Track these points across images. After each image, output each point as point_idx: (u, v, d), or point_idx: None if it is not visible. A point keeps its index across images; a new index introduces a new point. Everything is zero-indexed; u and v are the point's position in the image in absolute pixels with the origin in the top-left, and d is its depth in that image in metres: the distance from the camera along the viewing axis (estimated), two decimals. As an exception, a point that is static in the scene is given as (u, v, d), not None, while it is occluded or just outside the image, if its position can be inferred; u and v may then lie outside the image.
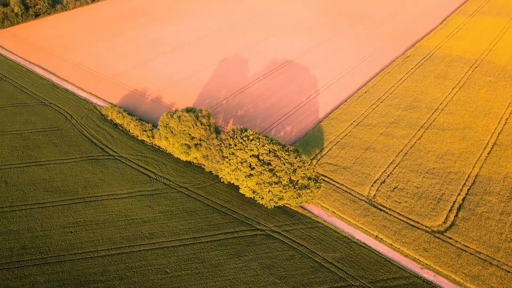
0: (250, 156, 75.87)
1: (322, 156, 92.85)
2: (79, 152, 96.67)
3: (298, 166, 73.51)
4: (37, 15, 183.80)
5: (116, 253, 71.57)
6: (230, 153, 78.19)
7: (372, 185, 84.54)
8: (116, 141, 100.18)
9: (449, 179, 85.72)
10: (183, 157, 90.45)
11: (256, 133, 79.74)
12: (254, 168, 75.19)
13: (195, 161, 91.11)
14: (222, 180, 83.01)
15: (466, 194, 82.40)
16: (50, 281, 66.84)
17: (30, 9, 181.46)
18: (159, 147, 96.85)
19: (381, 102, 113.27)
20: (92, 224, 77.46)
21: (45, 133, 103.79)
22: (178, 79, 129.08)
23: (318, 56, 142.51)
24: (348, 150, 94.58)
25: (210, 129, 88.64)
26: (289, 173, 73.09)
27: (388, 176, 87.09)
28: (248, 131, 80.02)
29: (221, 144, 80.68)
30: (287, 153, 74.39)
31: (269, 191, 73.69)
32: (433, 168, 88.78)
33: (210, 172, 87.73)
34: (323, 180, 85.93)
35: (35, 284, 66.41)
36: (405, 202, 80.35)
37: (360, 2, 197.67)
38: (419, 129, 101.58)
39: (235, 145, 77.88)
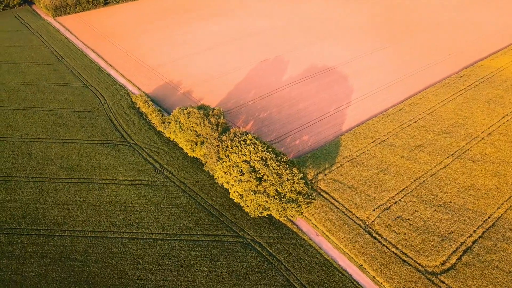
0: (243, 161, 74.19)
1: (330, 172, 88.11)
2: (100, 135, 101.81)
3: (287, 178, 70.36)
4: (106, 3, 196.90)
5: (100, 236, 74.29)
6: (225, 155, 77.20)
7: (374, 210, 78.47)
8: (136, 129, 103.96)
9: (464, 217, 76.71)
10: (190, 153, 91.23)
11: (255, 138, 77.73)
12: (244, 173, 73.43)
13: (202, 158, 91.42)
14: (216, 181, 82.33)
15: (480, 236, 73.18)
16: (35, 252, 71.24)
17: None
18: (173, 140, 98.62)
19: (414, 122, 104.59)
20: (89, 205, 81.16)
21: (77, 114, 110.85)
22: (213, 76, 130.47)
23: (362, 66, 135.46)
24: (360, 168, 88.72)
25: (217, 129, 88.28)
26: (276, 184, 70.25)
27: (395, 203, 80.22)
28: (247, 135, 78.31)
29: (219, 145, 79.98)
30: (278, 163, 71.53)
31: (253, 199, 71.45)
32: (450, 202, 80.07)
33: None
34: (323, 197, 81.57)
35: (22, 252, 71.23)
36: (405, 234, 73.44)
37: (425, 11, 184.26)
38: (447, 157, 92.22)
39: (231, 148, 76.71)
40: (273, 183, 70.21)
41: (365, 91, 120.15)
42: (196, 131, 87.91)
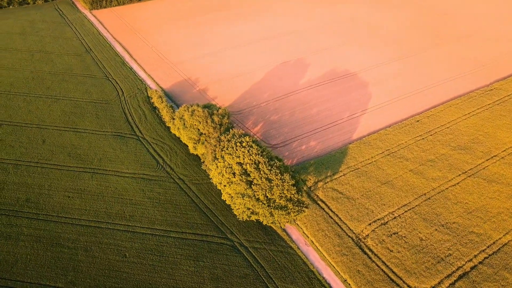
0: (236, 163, 73.52)
1: (332, 180, 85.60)
2: (112, 127, 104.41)
3: (277, 184, 68.94)
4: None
5: (93, 226, 76.10)
6: (220, 156, 76.85)
7: (369, 224, 75.45)
8: (147, 123, 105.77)
9: (466, 240, 72.14)
10: (192, 151, 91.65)
11: (252, 141, 76.80)
12: (236, 176, 72.72)
13: (201, 157, 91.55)
14: (211, 181, 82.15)
15: (480, 262, 68.55)
16: (31, 235, 74.03)
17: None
18: (179, 136, 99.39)
19: (430, 135, 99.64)
20: (88, 194, 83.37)
21: (94, 104, 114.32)
22: (231, 75, 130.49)
23: (385, 73, 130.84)
24: (363, 179, 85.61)
25: (220, 128, 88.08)
26: (265, 189, 69.01)
27: (394, 218, 76.73)
28: (245, 137, 77.52)
29: (217, 145, 79.73)
30: (269, 168, 70.24)
31: (241, 203, 70.58)
32: (453, 223, 75.57)
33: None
34: (319, 205, 79.37)
35: (19, 234, 74.25)
36: (398, 252, 70.05)
37: (464, 19, 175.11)
38: (459, 174, 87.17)
39: (227, 149, 76.24)
40: (262, 188, 69.01)
41: (383, 100, 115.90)
42: (198, 129, 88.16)
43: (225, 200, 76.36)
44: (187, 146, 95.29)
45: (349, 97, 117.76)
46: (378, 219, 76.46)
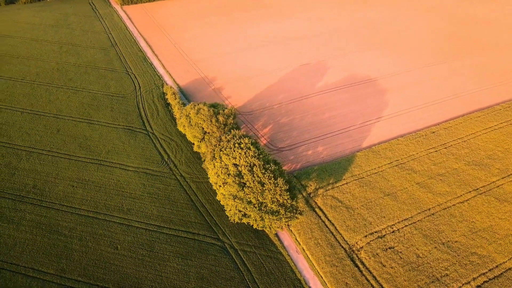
0: (232, 164, 73.10)
1: (333, 188, 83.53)
2: (124, 121, 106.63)
3: (269, 188, 67.95)
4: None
5: (91, 216, 77.90)
6: (218, 156, 76.65)
7: (365, 236, 73.01)
8: (158, 119, 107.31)
9: (466, 261, 68.42)
10: (195, 148, 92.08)
11: (251, 143, 76.03)
12: (230, 177, 72.32)
13: (202, 155, 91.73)
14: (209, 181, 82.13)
15: (478, 286, 64.78)
16: (32, 221, 76.71)
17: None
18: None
19: (444, 148, 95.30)
20: (92, 185, 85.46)
21: (111, 98, 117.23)
22: (248, 75, 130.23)
23: (406, 80, 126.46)
24: (365, 189, 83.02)
25: (224, 128, 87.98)
26: (257, 193, 68.20)
27: (392, 232, 73.87)
28: (244, 139, 76.88)
29: (216, 144, 79.64)
30: (263, 171, 69.32)
31: (233, 204, 70.11)
32: (455, 242, 71.87)
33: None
34: (316, 213, 77.64)
35: (21, 219, 77.11)
36: (391, 267, 67.35)
37: (496, 29, 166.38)
38: (470, 191, 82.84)
39: (225, 149, 75.95)
40: (254, 191, 68.23)
41: (400, 108, 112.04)
42: (203, 128, 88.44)
43: (220, 201, 76.08)
44: (193, 143, 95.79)
45: (364, 104, 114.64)
46: (375, 232, 73.86)
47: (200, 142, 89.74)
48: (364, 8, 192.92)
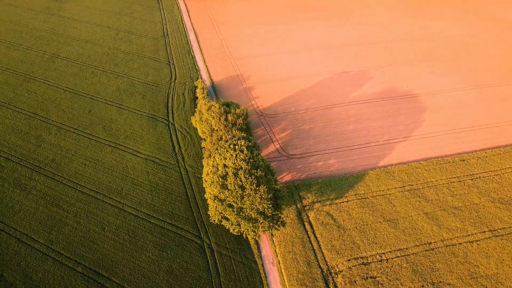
0: (223, 165, 72.62)
1: (331, 204, 79.56)
2: (150, 109, 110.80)
3: (248, 194, 66.43)
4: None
5: (92, 195, 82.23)
6: (213, 155, 76.56)
7: (349, 260, 68.59)
8: (182, 111, 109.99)
9: (454, 307, 61.38)
10: (203, 144, 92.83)
11: (246, 146, 74.75)
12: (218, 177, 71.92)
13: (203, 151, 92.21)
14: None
15: (459, 338, 57.80)
16: (41, 191, 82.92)
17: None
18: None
19: (470, 179, 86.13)
20: (102, 166, 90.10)
21: (146, 85, 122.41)
22: (283, 77, 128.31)
23: (451, 100, 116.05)
24: (365, 211, 77.91)
25: (232, 128, 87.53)
26: (236, 197, 67.06)
27: (380, 261, 68.54)
28: (241, 141, 75.79)
29: (215, 143, 79.59)
30: (247, 176, 67.87)
31: (213, 205, 69.66)
32: (447, 284, 64.81)
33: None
34: (305, 227, 74.48)
35: (32, 188, 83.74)
36: (365, 298, 62.55)
37: None
38: (485, 231, 74.12)
39: (220, 149, 75.63)
40: (233, 195, 67.17)
41: (434, 129, 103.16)
42: (211, 125, 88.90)
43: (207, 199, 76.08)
44: (203, 139, 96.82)
45: (395, 120, 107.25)
46: (361, 257, 69.05)
47: (208, 138, 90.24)
48: (423, 17, 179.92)
